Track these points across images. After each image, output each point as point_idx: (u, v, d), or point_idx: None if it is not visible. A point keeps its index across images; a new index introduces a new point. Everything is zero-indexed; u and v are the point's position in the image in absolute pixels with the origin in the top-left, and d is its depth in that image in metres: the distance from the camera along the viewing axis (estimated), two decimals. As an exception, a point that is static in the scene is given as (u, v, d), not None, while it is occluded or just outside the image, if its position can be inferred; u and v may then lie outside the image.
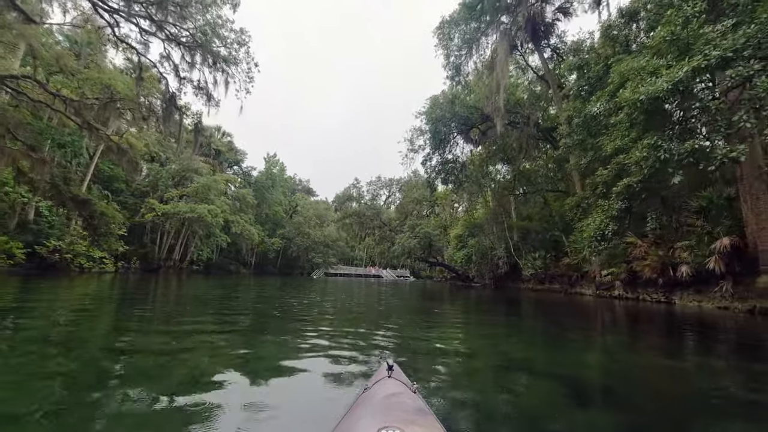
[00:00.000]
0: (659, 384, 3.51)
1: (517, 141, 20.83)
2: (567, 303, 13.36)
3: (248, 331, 5.45)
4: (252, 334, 5.19)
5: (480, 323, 7.76)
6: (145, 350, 3.90)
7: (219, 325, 5.83)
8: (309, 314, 7.73)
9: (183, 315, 6.81)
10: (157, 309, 7.60)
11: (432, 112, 21.04)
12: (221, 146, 42.21)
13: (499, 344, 5.26)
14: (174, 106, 13.69)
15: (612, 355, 4.89)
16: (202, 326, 5.57)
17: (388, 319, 7.57)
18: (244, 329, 5.56)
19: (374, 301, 12.59)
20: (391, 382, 1.56)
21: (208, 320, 6.24)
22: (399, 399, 1.36)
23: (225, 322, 6.19)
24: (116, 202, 31.44)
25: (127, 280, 18.70)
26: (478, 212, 26.55)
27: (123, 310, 7.18)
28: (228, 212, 33.88)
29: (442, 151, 23.20)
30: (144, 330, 5.15)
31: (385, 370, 1.71)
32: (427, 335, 5.76)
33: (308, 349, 4.16)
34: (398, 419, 1.14)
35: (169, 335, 4.79)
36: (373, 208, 40.78)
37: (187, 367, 3.33)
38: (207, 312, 7.38)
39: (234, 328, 5.63)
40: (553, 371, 3.72)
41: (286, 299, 11.30)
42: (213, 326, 5.65)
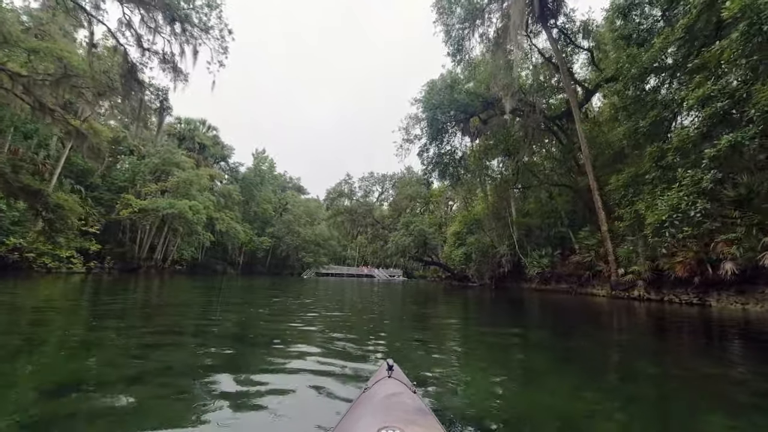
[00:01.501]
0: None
1: (521, 130, 19.34)
2: (582, 306, 11.88)
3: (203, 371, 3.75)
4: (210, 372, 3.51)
5: (482, 339, 6.15)
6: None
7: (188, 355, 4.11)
8: (284, 331, 6.04)
9: (132, 330, 5.05)
10: (91, 327, 5.81)
11: (429, 99, 19.41)
12: (206, 140, 39.99)
13: (519, 382, 3.57)
14: (134, 80, 11.77)
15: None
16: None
17: (377, 332, 5.93)
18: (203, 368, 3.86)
19: (365, 305, 10.91)
20: (391, 382, 1.54)
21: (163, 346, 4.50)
22: (399, 399, 1.35)
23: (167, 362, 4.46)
24: (91, 197, 29.18)
25: (100, 281, 16.72)
26: (478, 207, 25.03)
27: (44, 326, 5.38)
28: (212, 209, 31.76)
29: (439, 142, 21.60)
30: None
31: (385, 370, 1.67)
32: (420, 360, 4.13)
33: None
34: (398, 419, 1.14)
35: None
36: (366, 205, 39.01)
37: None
38: (161, 326, 5.62)
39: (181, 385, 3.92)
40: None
41: (268, 305, 9.56)
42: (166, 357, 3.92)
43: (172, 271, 34.74)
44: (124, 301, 9.16)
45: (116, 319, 6.10)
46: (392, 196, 45.27)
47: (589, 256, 15.90)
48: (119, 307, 7.86)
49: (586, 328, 7.35)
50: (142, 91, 12.23)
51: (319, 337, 4.92)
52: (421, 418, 1.18)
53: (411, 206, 42.66)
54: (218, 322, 6.27)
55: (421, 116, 20.31)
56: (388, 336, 5.54)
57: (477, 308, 10.98)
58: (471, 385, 3.15)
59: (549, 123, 20.32)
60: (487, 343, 5.24)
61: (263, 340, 4.70)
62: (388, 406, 1.29)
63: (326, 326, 6.11)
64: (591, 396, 3.02)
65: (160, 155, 29.15)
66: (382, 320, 7.50)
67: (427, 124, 20.03)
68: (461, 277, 37.43)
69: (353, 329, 5.98)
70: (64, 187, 26.68)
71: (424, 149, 21.46)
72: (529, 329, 6.82)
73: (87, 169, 29.44)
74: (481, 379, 3.38)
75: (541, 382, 3.41)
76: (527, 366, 4.04)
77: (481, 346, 5.01)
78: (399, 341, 5.16)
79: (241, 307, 8.83)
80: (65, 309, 7.20)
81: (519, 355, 4.61)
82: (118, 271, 30.61)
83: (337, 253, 62.70)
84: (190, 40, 11.48)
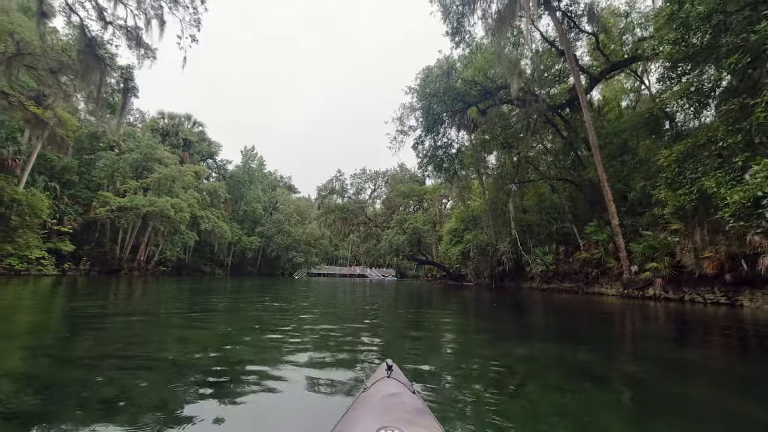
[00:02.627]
0: None
1: (523, 120, 18.23)
2: (594, 307, 10.80)
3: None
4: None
5: (486, 348, 4.94)
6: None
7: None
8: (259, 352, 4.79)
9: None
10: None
11: (425, 87, 18.19)
12: (191, 136, 38.23)
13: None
14: (93, 56, 10.27)
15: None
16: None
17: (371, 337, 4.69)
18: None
19: (357, 309, 9.64)
20: (391, 383, 1.53)
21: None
22: (398, 399, 1.35)
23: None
24: (68, 195, 27.37)
25: (72, 284, 15.18)
26: (475, 203, 23.91)
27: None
28: (196, 207, 30.10)
29: (435, 134, 20.40)
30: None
31: (384, 370, 1.66)
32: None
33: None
34: (397, 419, 1.14)
35: None
36: (358, 203, 37.68)
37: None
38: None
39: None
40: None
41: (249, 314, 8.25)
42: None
43: (156, 272, 32.96)
44: (80, 308, 7.75)
45: (29, 335, 4.73)
46: (385, 193, 43.98)
47: (598, 252, 14.85)
48: (55, 318, 6.46)
49: (614, 337, 6.20)
50: (102, 69, 10.73)
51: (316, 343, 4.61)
52: (421, 419, 1.18)
53: (404, 204, 41.52)
54: (192, 343, 4.96)
55: (416, 106, 19.08)
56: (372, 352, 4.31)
57: (484, 315, 9.81)
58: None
59: (551, 113, 19.26)
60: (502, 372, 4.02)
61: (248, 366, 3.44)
62: (388, 406, 1.28)
63: (320, 338, 4.85)
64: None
65: (141, 150, 27.42)
66: (377, 333, 6.25)
67: (423, 113, 18.81)
68: (456, 276, 36.35)
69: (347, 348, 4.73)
70: (37, 183, 24.89)
71: (419, 141, 20.25)
72: (551, 341, 5.62)
73: (63, 166, 27.61)
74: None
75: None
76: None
77: (492, 380, 3.78)
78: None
79: (222, 317, 7.50)
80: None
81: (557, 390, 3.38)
82: (97, 273, 28.86)
83: (329, 253, 61.26)
84: (157, 9, 10.04)
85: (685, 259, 10.42)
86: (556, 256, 17.45)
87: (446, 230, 27.54)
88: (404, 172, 47.41)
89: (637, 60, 16.83)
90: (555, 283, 18.79)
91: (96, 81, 10.62)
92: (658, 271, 11.43)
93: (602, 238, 15.01)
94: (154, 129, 34.80)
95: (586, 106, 14.80)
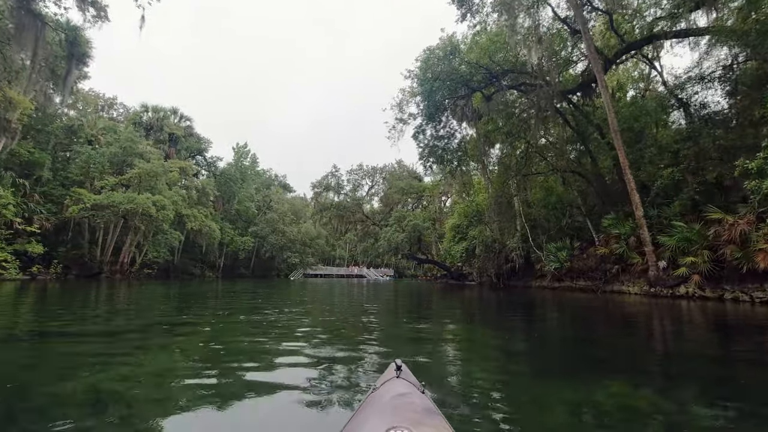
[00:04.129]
0: None
1: (535, 105, 16.82)
2: (625, 310, 9.43)
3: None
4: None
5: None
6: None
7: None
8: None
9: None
10: None
11: (426, 70, 16.71)
12: (177, 130, 36.38)
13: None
14: (29, 13, 8.53)
15: None
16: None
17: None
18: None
19: (355, 316, 8.17)
20: (400, 383, 1.52)
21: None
22: (407, 399, 1.33)
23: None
24: (40, 193, 25.50)
25: (41, 289, 13.46)
26: (480, 197, 22.51)
27: None
28: (182, 205, 28.35)
29: (437, 122, 18.97)
30: None
31: (393, 371, 1.64)
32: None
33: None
34: (407, 419, 1.12)
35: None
36: (355, 200, 36.10)
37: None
38: None
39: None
40: None
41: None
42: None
43: (140, 275, 31.11)
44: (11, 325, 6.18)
45: None
46: (383, 190, 42.43)
47: (619, 247, 13.49)
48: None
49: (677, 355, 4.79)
50: (39, 28, 9.05)
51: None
52: (430, 419, 1.17)
53: (403, 201, 40.07)
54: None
55: (416, 90, 17.57)
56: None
57: (502, 325, 8.40)
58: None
59: (560, 101, 17.90)
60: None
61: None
62: (397, 407, 1.27)
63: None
64: None
65: (120, 144, 25.65)
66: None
67: (424, 99, 17.34)
68: (458, 276, 34.96)
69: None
70: (3, 179, 23.02)
71: (419, 130, 18.78)
72: (619, 376, 4.19)
73: (34, 161, 25.74)
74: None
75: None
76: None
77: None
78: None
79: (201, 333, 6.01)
80: None
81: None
82: (75, 276, 27.01)
83: (325, 253, 59.55)
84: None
85: (730, 252, 9.06)
86: (571, 252, 16.07)
87: (448, 227, 26.10)
88: (402, 169, 46.04)
89: (656, 38, 15.52)
90: (568, 281, 17.45)
91: (32, 43, 8.89)
92: (696, 266, 10.07)
93: (623, 231, 13.67)
94: (137, 123, 32.93)
95: (604, 86, 13.43)
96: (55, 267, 23.28)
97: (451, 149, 20.47)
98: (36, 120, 28.21)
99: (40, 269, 22.26)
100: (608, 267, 14.84)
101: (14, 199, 21.85)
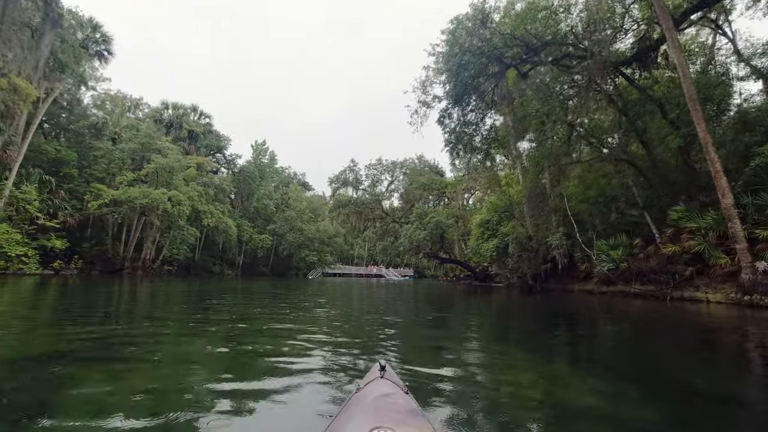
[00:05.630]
0: None
1: (584, 80, 14.43)
2: (717, 325, 7.14)
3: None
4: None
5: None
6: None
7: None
8: None
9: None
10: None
11: (454, 43, 14.68)
12: (197, 127, 35.96)
13: None
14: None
15: None
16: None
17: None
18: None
19: (374, 322, 6.37)
20: (383, 383, 1.52)
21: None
22: (391, 399, 1.33)
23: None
24: (67, 190, 25.41)
25: (61, 285, 12.70)
26: (513, 190, 20.14)
27: None
28: (197, 201, 27.59)
29: (465, 105, 16.88)
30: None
31: (377, 371, 1.65)
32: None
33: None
34: (390, 420, 1.12)
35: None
36: (374, 196, 34.36)
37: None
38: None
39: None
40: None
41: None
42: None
43: (161, 272, 30.77)
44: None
45: None
46: (403, 185, 40.43)
47: (698, 244, 10.99)
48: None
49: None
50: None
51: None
52: (413, 419, 1.17)
53: (424, 197, 37.97)
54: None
55: (442, 68, 15.53)
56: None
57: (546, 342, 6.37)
58: None
59: (613, 72, 15.39)
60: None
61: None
62: (380, 407, 1.26)
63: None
64: None
65: (139, 140, 25.12)
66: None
67: (451, 77, 15.30)
68: (483, 276, 32.49)
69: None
70: (31, 177, 22.93)
71: (445, 114, 16.75)
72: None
73: (60, 159, 25.69)
74: None
75: None
76: None
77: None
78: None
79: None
80: None
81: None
82: (99, 272, 26.83)
83: (343, 252, 58.29)
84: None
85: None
86: (630, 250, 13.57)
87: (476, 223, 23.84)
88: (423, 164, 43.90)
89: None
90: (620, 285, 14.90)
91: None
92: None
93: (703, 224, 11.15)
94: (158, 120, 32.67)
95: (676, 44, 10.94)
96: (76, 262, 22.97)
97: (480, 136, 18.32)
98: (66, 119, 28.48)
99: (61, 264, 21.96)
100: (679, 268, 12.30)
101: (39, 196, 21.71)
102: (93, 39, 20.53)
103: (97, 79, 27.87)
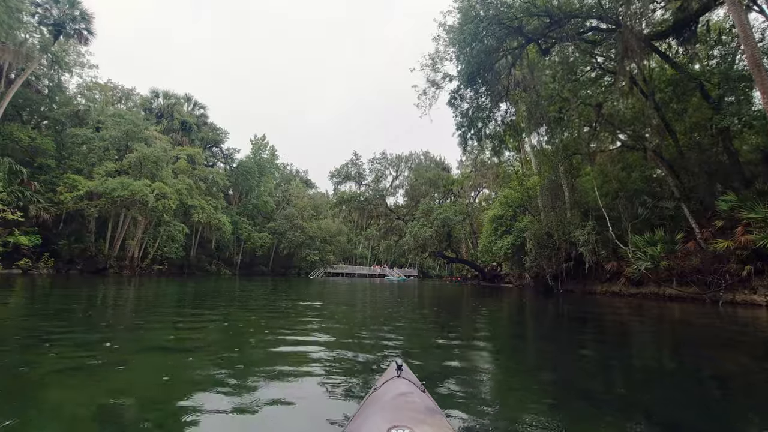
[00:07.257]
0: None
1: (619, 51, 12.57)
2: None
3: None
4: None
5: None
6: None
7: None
8: None
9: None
10: None
11: (469, 9, 12.87)
12: (190, 119, 34.27)
13: None
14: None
15: None
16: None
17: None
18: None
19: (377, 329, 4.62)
20: (401, 382, 1.51)
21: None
22: (408, 398, 1.33)
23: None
24: (42, 182, 23.73)
25: (28, 287, 10.97)
26: (529, 182, 18.33)
27: None
28: (187, 195, 25.87)
29: (478, 86, 15.09)
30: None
31: (394, 370, 1.63)
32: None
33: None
34: (408, 418, 1.12)
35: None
36: (378, 191, 32.58)
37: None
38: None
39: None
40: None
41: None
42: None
43: (150, 272, 29.05)
44: None
45: None
46: (409, 181, 38.58)
47: (759, 237, 9.17)
48: None
49: None
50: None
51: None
52: (431, 418, 1.16)
53: (430, 194, 36.19)
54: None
55: (454, 37, 13.70)
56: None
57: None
58: None
59: (648, 47, 13.53)
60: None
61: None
62: (398, 406, 1.26)
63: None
64: None
65: (122, 127, 23.43)
66: None
67: (464, 47, 13.48)
68: (492, 277, 30.69)
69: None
70: (2, 166, 21.26)
71: (456, 94, 14.96)
72: None
73: (34, 147, 23.99)
74: None
75: None
76: None
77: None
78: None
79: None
80: None
81: None
82: (79, 272, 25.09)
83: (346, 251, 56.53)
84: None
85: None
86: (672, 246, 11.72)
87: (488, 218, 22.01)
88: (429, 160, 42.11)
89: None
90: (652, 286, 13.06)
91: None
92: None
93: (764, 215, 9.33)
94: (147, 109, 31.03)
95: (735, 2, 9.08)
96: (47, 261, 21.10)
97: (494, 122, 16.52)
98: (48, 108, 26.81)
99: (29, 263, 20.11)
100: (730, 267, 10.48)
101: (6, 187, 19.96)
102: (70, 16, 18.80)
103: (82, 65, 26.18)
